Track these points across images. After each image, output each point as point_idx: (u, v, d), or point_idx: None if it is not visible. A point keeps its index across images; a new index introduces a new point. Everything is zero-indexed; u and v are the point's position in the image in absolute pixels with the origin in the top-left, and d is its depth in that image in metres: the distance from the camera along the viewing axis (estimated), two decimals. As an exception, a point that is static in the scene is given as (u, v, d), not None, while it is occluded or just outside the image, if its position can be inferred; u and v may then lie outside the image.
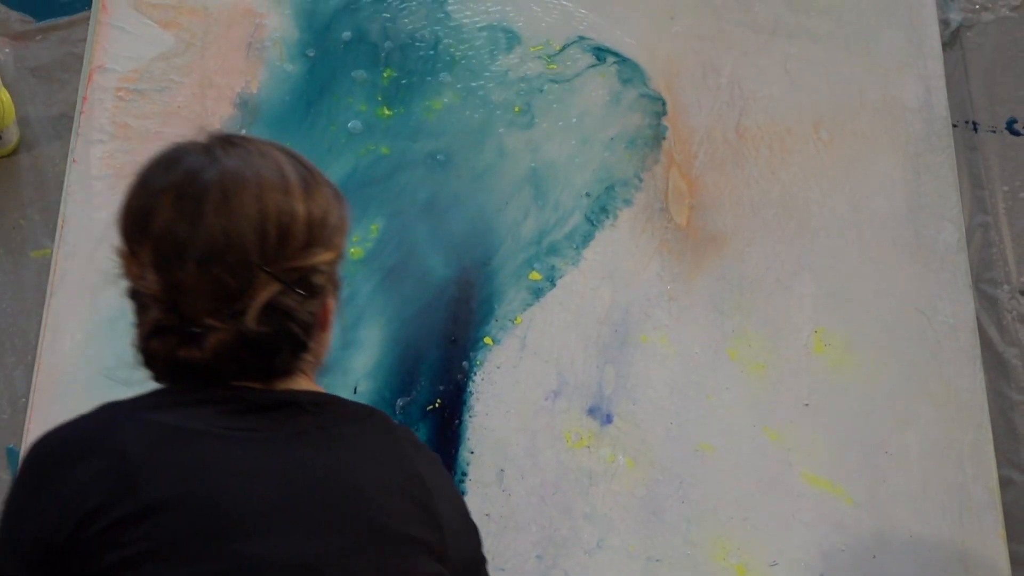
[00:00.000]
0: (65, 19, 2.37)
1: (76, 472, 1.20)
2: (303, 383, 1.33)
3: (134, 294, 1.29)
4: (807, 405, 2.08)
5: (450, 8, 2.28)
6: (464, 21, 2.28)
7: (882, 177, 2.24)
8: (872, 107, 2.29)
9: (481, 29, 2.28)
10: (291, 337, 1.28)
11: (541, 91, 2.26)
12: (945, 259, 2.19)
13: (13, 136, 2.26)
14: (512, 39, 2.27)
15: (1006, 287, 2.29)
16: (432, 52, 2.26)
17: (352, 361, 2.03)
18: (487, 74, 2.25)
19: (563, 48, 2.25)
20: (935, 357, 2.13)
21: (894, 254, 2.19)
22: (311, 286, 1.28)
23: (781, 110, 2.27)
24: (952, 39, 2.45)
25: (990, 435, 2.09)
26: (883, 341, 2.13)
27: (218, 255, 1.23)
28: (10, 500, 1.26)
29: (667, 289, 2.13)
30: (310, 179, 1.30)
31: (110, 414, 1.27)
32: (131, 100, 2.19)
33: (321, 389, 1.35)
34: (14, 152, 2.28)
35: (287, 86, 2.22)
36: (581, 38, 2.28)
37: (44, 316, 2.05)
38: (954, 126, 2.33)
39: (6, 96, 2.21)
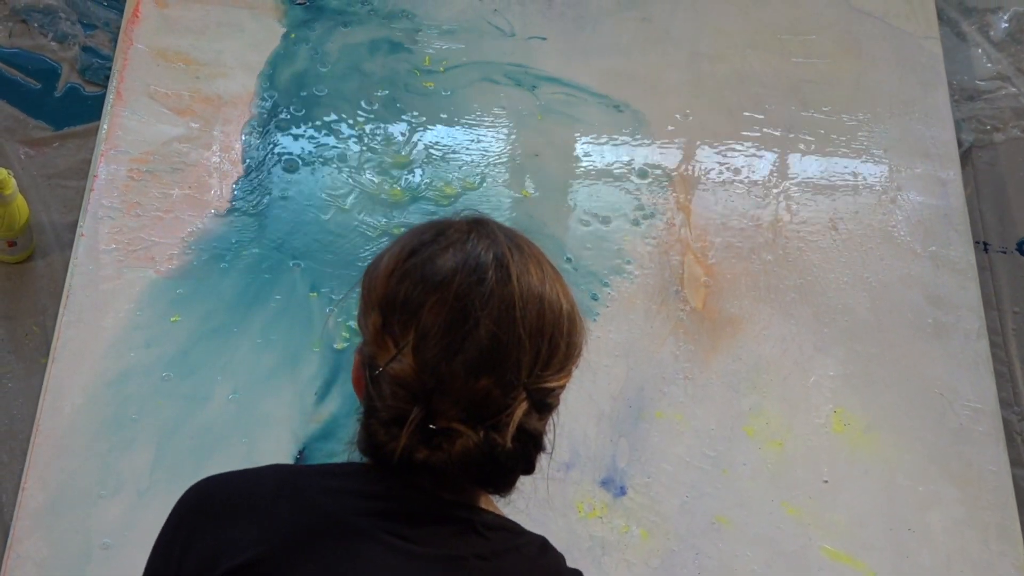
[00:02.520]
0: (82, 127, 2.61)
1: (233, 531, 1.30)
2: (483, 500, 1.39)
3: (373, 365, 1.32)
4: (826, 482, 2.26)
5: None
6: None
7: (900, 270, 2.49)
8: (889, 204, 2.56)
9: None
10: (527, 458, 1.33)
11: (536, 155, 2.58)
12: (966, 345, 2.41)
13: (28, 243, 2.43)
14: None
15: (1015, 409, 2.49)
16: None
17: (359, 430, 2.28)
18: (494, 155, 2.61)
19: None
20: (957, 439, 2.31)
21: (913, 340, 2.41)
22: (547, 407, 1.34)
23: (796, 205, 2.54)
24: (963, 159, 2.72)
25: (1016, 514, 2.25)
26: (903, 423, 2.33)
27: (492, 365, 1.28)
28: (163, 538, 1.36)
29: (683, 368, 2.34)
30: (572, 298, 1.37)
31: (283, 481, 1.35)
32: (142, 180, 2.43)
33: (499, 510, 1.41)
34: (28, 259, 2.45)
35: (303, 168, 2.55)
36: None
37: (44, 380, 2.23)
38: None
39: (21, 203, 2.36)
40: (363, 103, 2.61)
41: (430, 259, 1.32)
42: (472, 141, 2.58)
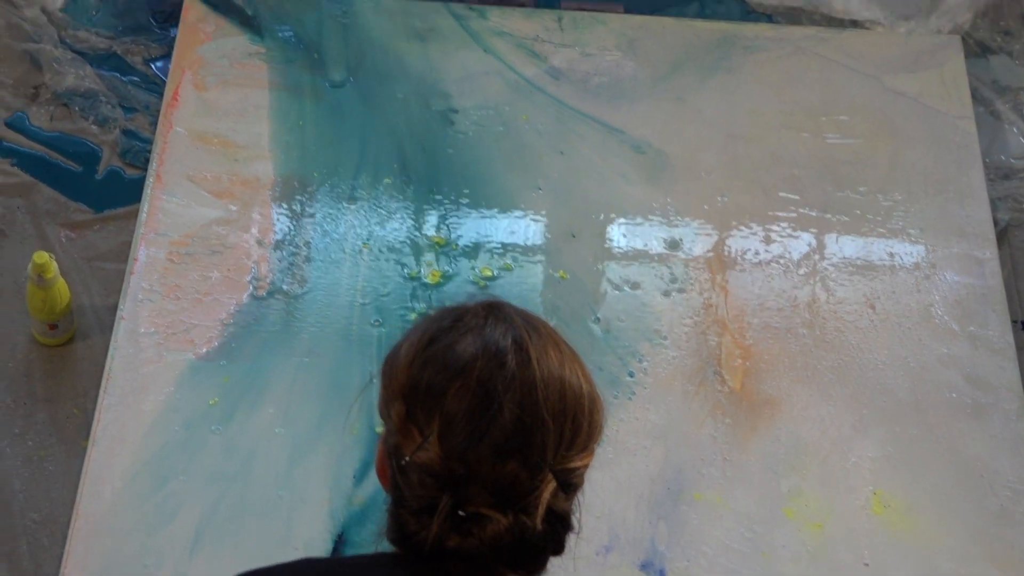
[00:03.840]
0: (122, 209, 2.63)
1: None
2: None
3: (399, 455, 1.34)
4: (867, 565, 2.26)
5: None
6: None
7: (938, 349, 2.51)
8: (925, 284, 2.58)
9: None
10: (557, 539, 1.35)
11: (573, 236, 2.63)
12: (1005, 426, 2.42)
13: (68, 325, 2.45)
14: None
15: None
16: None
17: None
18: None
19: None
20: (999, 521, 2.32)
21: (953, 421, 2.43)
22: (572, 486, 1.36)
23: (833, 285, 2.57)
24: (1000, 238, 2.72)
25: (1059, 597, 2.31)
26: (944, 505, 2.33)
27: (519, 448, 1.29)
28: None
29: (721, 449, 2.35)
30: (591, 378, 1.39)
31: None
32: (181, 263, 2.48)
33: None
34: (69, 341, 2.47)
35: (340, 247, 2.59)
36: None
37: (84, 464, 2.27)
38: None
39: (63, 286, 2.39)
40: (398, 181, 2.67)
41: (450, 346, 1.34)
42: (507, 221, 2.64)
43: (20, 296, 2.49)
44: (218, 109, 2.73)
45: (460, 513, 1.30)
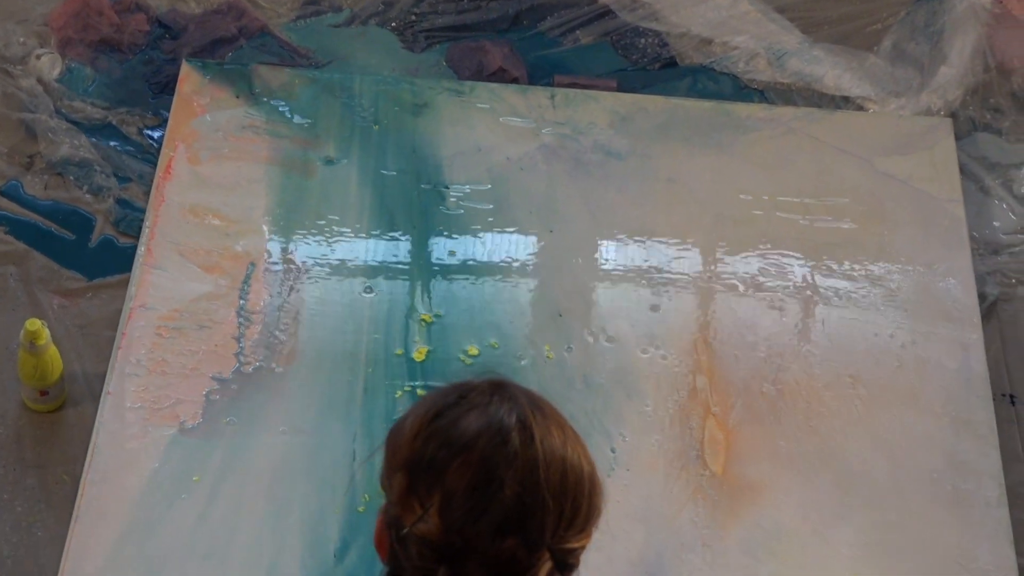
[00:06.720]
0: (115, 278, 2.69)
1: None
2: None
3: (399, 526, 1.37)
4: None
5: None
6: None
7: (920, 433, 2.56)
8: (910, 366, 2.64)
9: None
10: None
11: (560, 315, 2.70)
12: (986, 514, 2.47)
13: (59, 392, 2.51)
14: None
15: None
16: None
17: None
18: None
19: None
20: None
21: (933, 508, 2.47)
22: (569, 567, 1.37)
23: (818, 367, 2.63)
24: (988, 313, 2.79)
25: None
26: None
27: (518, 526, 1.33)
28: None
29: (702, 534, 2.40)
30: (593, 461, 1.42)
31: None
32: (170, 337, 2.55)
33: None
34: (60, 408, 2.53)
35: (328, 324, 2.65)
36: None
37: (67, 540, 2.33)
38: (991, 400, 2.65)
39: (54, 353, 2.45)
40: (388, 258, 2.75)
41: (454, 422, 1.38)
42: (495, 299, 2.71)
43: (12, 363, 2.55)
44: (211, 182, 2.79)
45: None
